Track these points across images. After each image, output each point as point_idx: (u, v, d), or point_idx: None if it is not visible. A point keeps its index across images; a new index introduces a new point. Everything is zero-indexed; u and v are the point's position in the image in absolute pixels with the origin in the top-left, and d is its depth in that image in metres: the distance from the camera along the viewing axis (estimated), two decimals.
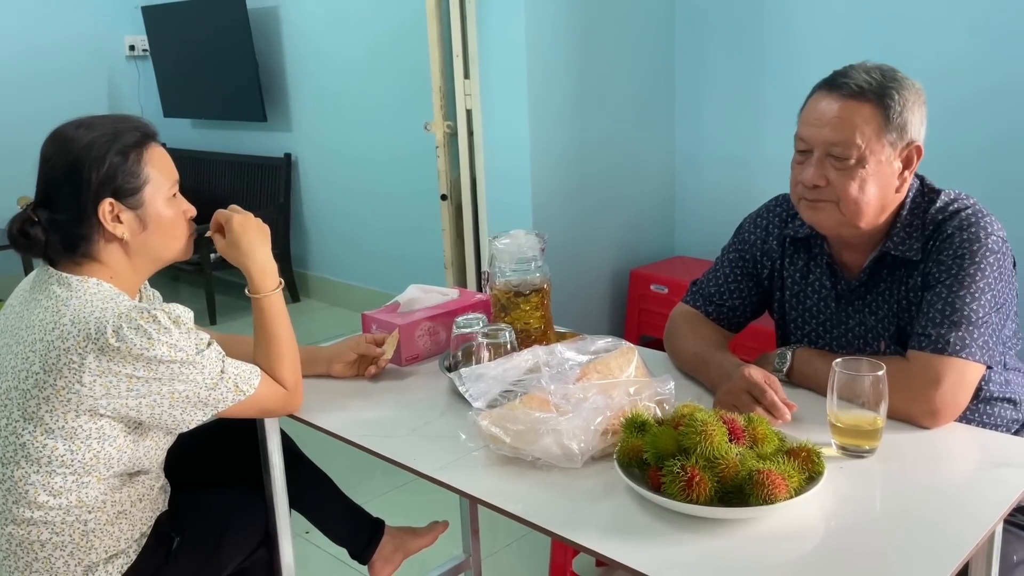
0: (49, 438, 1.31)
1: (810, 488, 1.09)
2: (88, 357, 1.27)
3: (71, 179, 1.35)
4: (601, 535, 1.09)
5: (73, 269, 1.37)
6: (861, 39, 2.93)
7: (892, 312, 1.48)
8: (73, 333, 1.28)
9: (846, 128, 1.38)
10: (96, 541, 1.37)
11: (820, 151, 1.41)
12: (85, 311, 1.30)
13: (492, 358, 1.47)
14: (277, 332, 1.49)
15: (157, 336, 1.28)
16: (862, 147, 1.38)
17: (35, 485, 1.32)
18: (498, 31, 3.05)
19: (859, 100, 1.38)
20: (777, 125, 3.20)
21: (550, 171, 3.17)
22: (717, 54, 3.37)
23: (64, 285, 1.35)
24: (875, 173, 1.39)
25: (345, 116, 4.56)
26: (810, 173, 1.42)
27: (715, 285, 1.68)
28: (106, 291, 1.35)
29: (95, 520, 1.36)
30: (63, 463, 1.32)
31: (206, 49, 5.06)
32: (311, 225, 4.99)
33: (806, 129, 1.43)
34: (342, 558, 2.35)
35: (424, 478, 1.28)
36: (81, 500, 1.35)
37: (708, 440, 1.08)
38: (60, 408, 1.29)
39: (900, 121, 1.39)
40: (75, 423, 1.30)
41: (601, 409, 1.22)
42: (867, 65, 1.43)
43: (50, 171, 1.37)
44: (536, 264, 1.60)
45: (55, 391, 1.29)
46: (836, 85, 1.41)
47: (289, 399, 1.48)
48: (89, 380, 1.28)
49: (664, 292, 3.23)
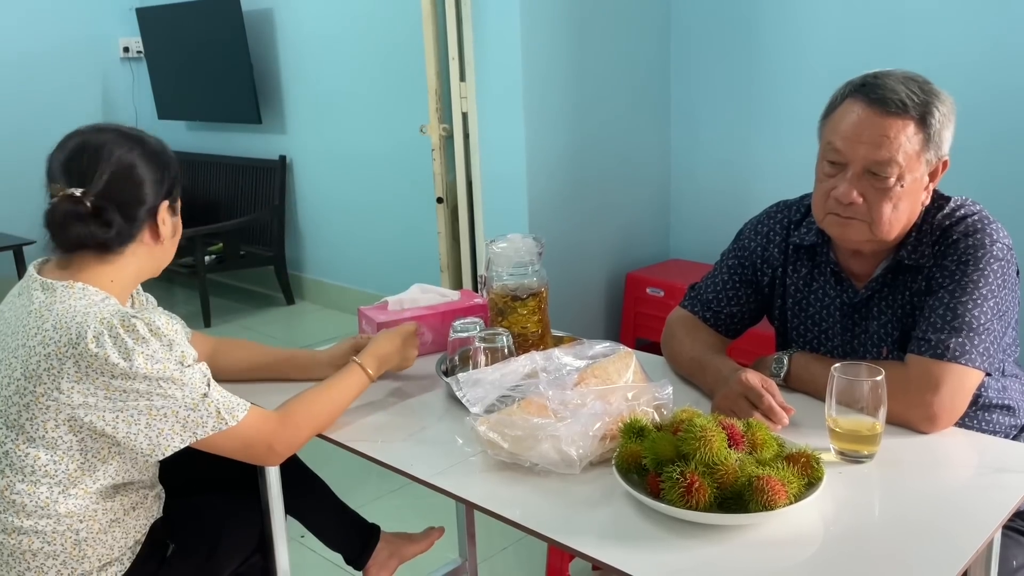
0: (31, 447, 1.28)
1: (809, 494, 1.08)
2: (67, 363, 1.24)
3: (141, 174, 1.35)
4: (599, 541, 1.09)
5: (60, 275, 1.34)
6: (859, 42, 2.93)
7: (896, 317, 1.48)
8: (55, 339, 1.26)
9: (891, 147, 1.34)
10: (89, 550, 1.35)
11: (858, 167, 1.37)
12: (67, 316, 1.27)
13: (489, 362, 1.46)
14: (341, 400, 1.46)
15: (135, 347, 1.25)
16: (903, 166, 1.34)
17: (21, 494, 1.30)
18: (494, 34, 3.04)
19: (903, 118, 1.34)
20: (773, 129, 3.21)
21: (546, 174, 3.17)
22: (713, 57, 3.37)
23: (48, 290, 1.31)
24: (909, 190, 1.37)
25: (340, 118, 4.55)
26: (844, 188, 1.37)
27: (713, 291, 1.67)
28: (91, 295, 1.32)
29: (87, 529, 1.34)
30: (47, 473, 1.30)
31: (201, 51, 5.04)
32: (306, 227, 4.98)
33: (844, 143, 1.37)
34: (337, 563, 2.34)
35: (423, 484, 1.27)
36: (70, 510, 1.32)
37: (707, 446, 1.08)
38: (40, 416, 1.27)
39: (939, 139, 1.37)
40: (55, 433, 1.27)
41: (599, 415, 1.21)
42: (901, 74, 1.38)
43: (115, 164, 1.32)
44: (533, 268, 1.60)
45: (35, 398, 1.26)
46: (877, 99, 1.35)
47: (276, 442, 1.37)
48: (67, 387, 1.25)
49: (660, 295, 3.23)
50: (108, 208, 1.32)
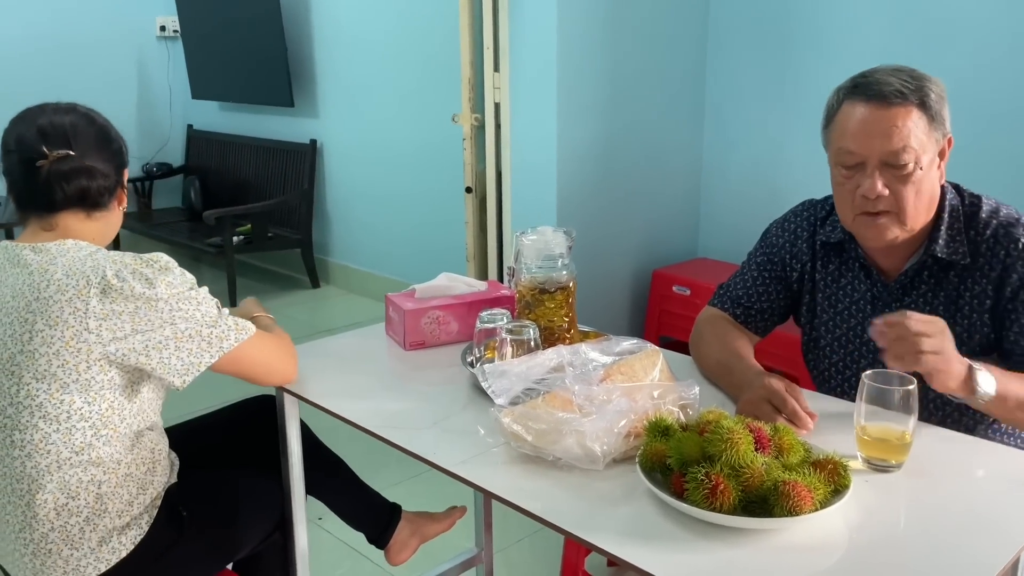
0: (65, 393, 1.33)
1: (836, 501, 1.07)
2: (91, 301, 1.31)
3: (116, 138, 1.49)
4: (621, 538, 1.08)
5: (46, 237, 1.42)
6: (895, 43, 2.89)
7: (936, 315, 1.45)
8: (71, 284, 1.32)
9: (900, 135, 1.37)
10: (109, 504, 1.38)
11: (875, 161, 1.39)
12: (76, 263, 1.35)
13: (515, 354, 1.46)
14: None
15: (154, 276, 1.34)
16: (917, 151, 1.37)
17: (56, 444, 1.33)
18: (530, 25, 3.03)
19: (905, 105, 1.37)
20: (807, 129, 3.15)
21: (576, 167, 3.15)
22: (749, 57, 3.34)
23: (40, 251, 1.38)
24: (927, 173, 1.40)
25: (372, 104, 4.56)
26: (869, 184, 1.39)
27: (743, 288, 1.67)
28: (86, 247, 1.40)
29: (108, 483, 1.38)
30: (82, 416, 1.34)
31: (237, 32, 5.07)
32: (333, 212, 5.00)
33: (855, 142, 1.40)
34: (353, 545, 2.36)
35: (445, 473, 1.27)
36: (100, 457, 1.36)
37: (734, 448, 1.07)
38: (71, 360, 1.31)
39: (940, 118, 1.40)
40: (88, 374, 1.33)
41: (625, 412, 1.21)
42: (888, 68, 1.42)
43: (96, 130, 1.46)
44: (563, 262, 1.59)
45: (64, 343, 1.31)
46: (875, 94, 1.38)
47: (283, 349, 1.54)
48: (95, 325, 1.31)
49: (686, 294, 3.21)
50: (97, 166, 1.44)
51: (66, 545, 1.36)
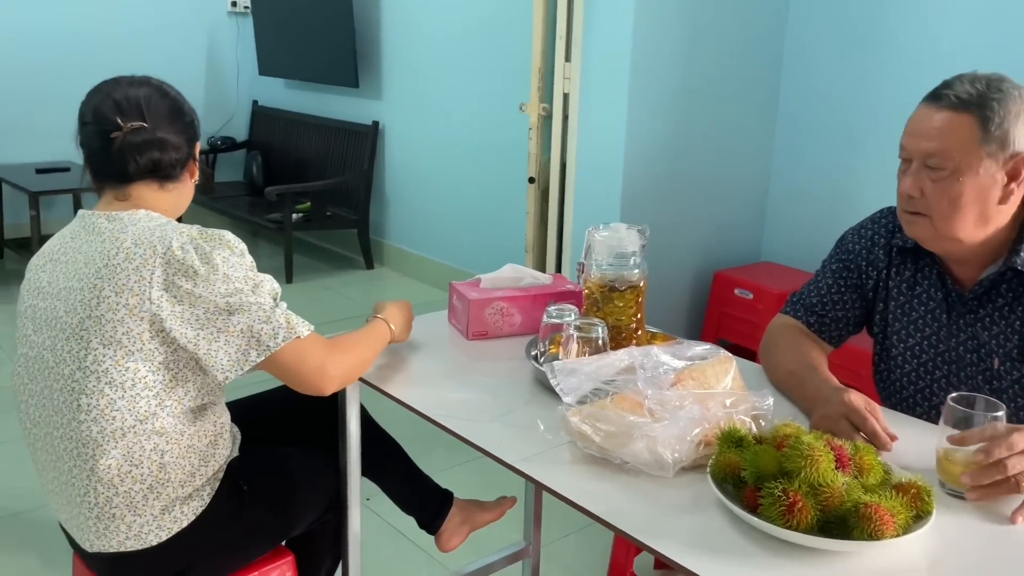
0: (131, 360, 1.34)
1: (918, 528, 1.03)
2: (157, 271, 1.33)
3: (177, 116, 1.49)
4: (687, 548, 1.06)
5: (120, 206, 1.44)
6: (979, 50, 2.78)
7: (1013, 329, 1.43)
8: (139, 252, 1.34)
9: (942, 139, 1.36)
10: (172, 474, 1.39)
11: (918, 161, 1.40)
12: (147, 233, 1.37)
13: (581, 352, 1.43)
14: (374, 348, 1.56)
15: (213, 253, 1.35)
16: (956, 158, 1.35)
17: (121, 411, 1.34)
18: (605, 16, 2.99)
19: (958, 111, 1.36)
20: (879, 142, 3.08)
21: (643, 163, 3.11)
22: (827, 60, 3.25)
23: (114, 220, 1.41)
24: (972, 186, 1.36)
25: (437, 89, 4.55)
26: (907, 182, 1.41)
27: (818, 296, 1.63)
28: (157, 218, 1.43)
29: (170, 452, 1.39)
30: (146, 385, 1.35)
31: (306, 11, 5.11)
32: (392, 195, 5.02)
33: (907, 139, 1.43)
34: (400, 528, 2.37)
35: (509, 468, 1.25)
36: (163, 427, 1.37)
37: (814, 465, 1.03)
38: (135, 328, 1.33)
39: (1000, 133, 1.35)
40: (151, 345, 1.34)
41: (698, 420, 1.18)
42: (974, 75, 1.39)
43: (169, 103, 1.48)
44: (635, 260, 1.56)
45: (128, 311, 1.32)
46: (938, 96, 1.39)
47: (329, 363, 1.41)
48: (157, 295, 1.32)
49: (748, 297, 3.15)
50: (169, 138, 1.46)
51: (129, 511, 1.38)
